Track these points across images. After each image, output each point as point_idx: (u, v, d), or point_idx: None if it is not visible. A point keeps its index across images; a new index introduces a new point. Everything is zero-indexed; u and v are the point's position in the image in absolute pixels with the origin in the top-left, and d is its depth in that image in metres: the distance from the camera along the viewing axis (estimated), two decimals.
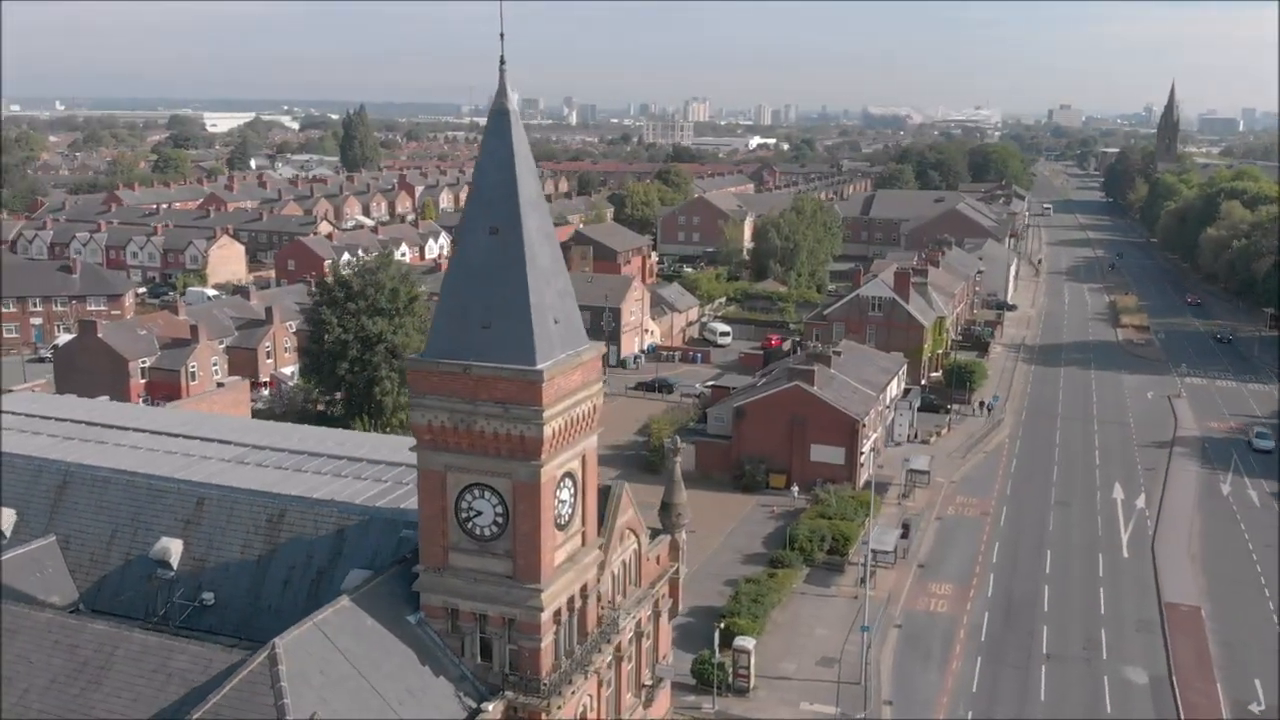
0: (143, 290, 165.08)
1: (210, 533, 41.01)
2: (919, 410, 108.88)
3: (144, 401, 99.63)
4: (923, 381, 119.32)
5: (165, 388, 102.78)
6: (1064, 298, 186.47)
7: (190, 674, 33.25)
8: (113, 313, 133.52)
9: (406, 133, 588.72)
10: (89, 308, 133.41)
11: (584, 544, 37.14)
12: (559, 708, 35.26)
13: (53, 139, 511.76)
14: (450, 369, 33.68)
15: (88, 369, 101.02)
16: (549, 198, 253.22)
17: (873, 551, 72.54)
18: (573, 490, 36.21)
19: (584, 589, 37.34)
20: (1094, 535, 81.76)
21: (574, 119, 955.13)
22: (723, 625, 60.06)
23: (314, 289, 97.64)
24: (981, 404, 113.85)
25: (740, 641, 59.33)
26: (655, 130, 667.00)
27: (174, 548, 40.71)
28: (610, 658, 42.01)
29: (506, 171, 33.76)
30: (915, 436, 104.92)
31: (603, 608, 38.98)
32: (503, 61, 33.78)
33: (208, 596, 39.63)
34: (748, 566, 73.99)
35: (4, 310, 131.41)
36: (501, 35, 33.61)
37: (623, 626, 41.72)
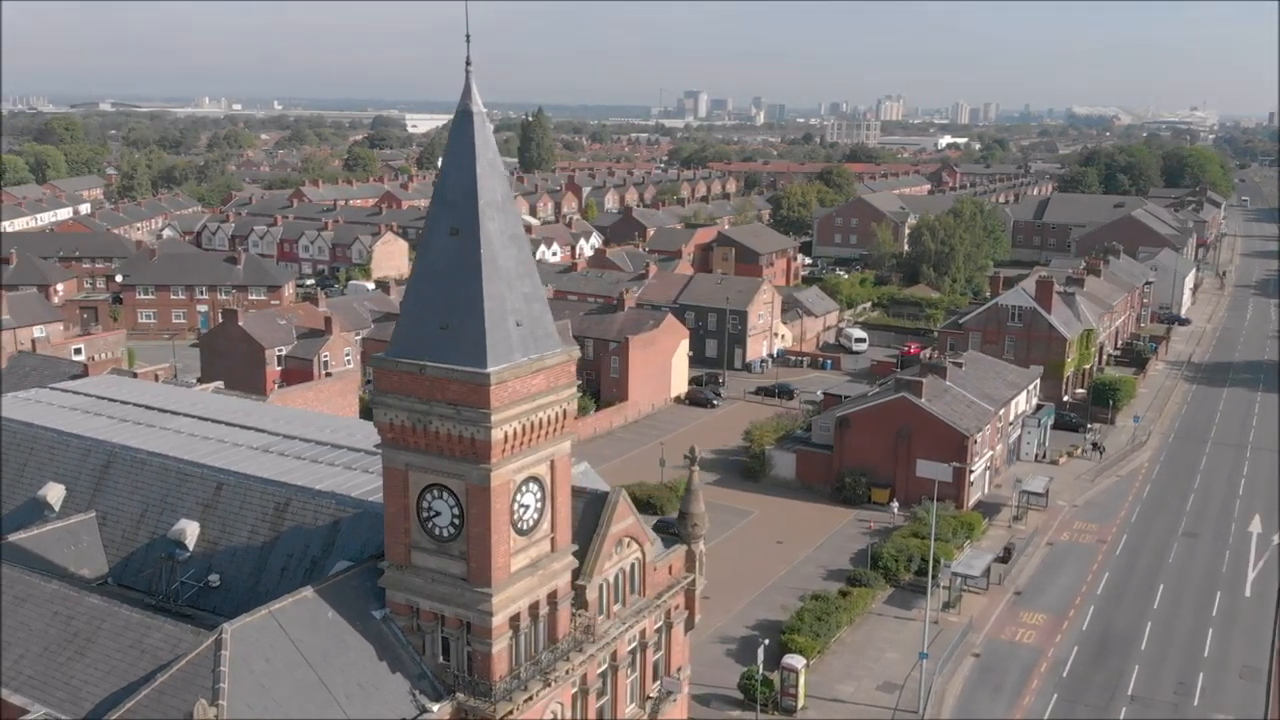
0: (310, 281, 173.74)
1: (224, 517, 42.56)
2: (1054, 429, 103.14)
3: (278, 388, 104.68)
4: (1065, 398, 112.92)
5: (299, 375, 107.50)
6: (1246, 313, 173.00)
7: (160, 651, 34.57)
8: (272, 303, 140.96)
9: (591, 134, 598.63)
10: (250, 297, 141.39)
11: (553, 550, 36.64)
12: (509, 713, 34.92)
13: (264, 136, 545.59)
14: (407, 368, 33.85)
15: (229, 355, 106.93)
16: (705, 199, 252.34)
17: (955, 575, 69.44)
18: (539, 495, 35.78)
19: (552, 595, 36.85)
20: (1217, 571, 75.60)
21: (761, 119, 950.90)
22: (766, 642, 58.39)
23: None
24: (1094, 445, 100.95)
25: (789, 659, 57.70)
26: (840, 130, 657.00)
27: (191, 530, 42.51)
28: (605, 666, 41.48)
29: (467, 173, 33.65)
30: (1044, 456, 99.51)
31: (580, 615, 38.35)
32: (468, 63, 33.68)
33: (214, 579, 41.12)
34: (829, 582, 71.85)
35: (172, 297, 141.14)
36: (468, 37, 33.54)
37: (615, 636, 41.06)
